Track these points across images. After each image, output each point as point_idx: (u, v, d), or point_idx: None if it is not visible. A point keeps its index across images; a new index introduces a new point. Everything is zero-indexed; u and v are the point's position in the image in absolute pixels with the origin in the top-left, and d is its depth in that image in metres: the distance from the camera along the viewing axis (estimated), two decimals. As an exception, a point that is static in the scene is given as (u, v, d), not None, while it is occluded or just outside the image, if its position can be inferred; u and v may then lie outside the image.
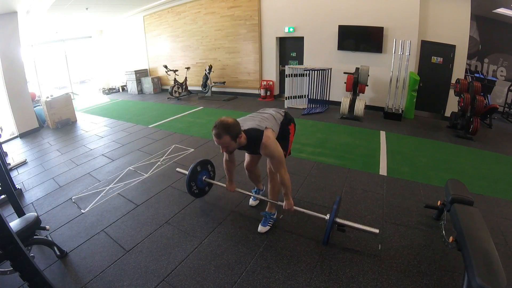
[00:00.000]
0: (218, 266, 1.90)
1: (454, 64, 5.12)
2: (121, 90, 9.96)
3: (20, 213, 2.22)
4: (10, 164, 3.87)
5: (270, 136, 1.86)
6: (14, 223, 1.81)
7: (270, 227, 2.23)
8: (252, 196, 2.47)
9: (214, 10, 7.41)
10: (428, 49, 5.28)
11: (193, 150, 3.95)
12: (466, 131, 4.36)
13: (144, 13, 8.86)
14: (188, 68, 8.26)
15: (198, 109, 6.57)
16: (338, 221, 1.96)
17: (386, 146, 4.00)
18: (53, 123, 5.69)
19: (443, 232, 2.01)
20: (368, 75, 5.15)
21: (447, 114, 5.22)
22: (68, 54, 9.33)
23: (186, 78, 8.15)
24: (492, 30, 5.78)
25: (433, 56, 5.28)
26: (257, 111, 2.21)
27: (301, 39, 6.42)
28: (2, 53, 4.88)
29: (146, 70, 9.61)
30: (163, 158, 3.76)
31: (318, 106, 6.03)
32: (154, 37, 9.06)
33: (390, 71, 5.34)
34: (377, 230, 1.87)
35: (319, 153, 3.74)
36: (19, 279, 1.46)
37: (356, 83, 5.21)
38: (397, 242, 2.08)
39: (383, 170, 3.22)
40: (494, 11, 5.48)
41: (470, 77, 5.44)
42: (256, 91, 7.37)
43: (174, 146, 4.14)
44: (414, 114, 5.46)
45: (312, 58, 6.34)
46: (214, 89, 7.88)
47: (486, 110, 4.79)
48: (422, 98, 5.41)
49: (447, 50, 5.11)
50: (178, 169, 2.87)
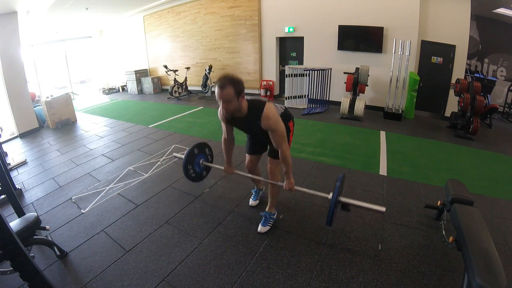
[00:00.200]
0: (218, 266, 1.90)
1: (454, 64, 5.12)
2: (121, 90, 9.95)
3: (20, 213, 2.22)
4: (10, 164, 3.87)
5: (271, 108, 1.80)
6: (14, 223, 1.81)
7: (270, 227, 2.22)
8: (248, 176, 2.31)
9: (214, 10, 7.41)
10: (428, 49, 5.28)
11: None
12: (466, 131, 4.36)
13: (144, 13, 8.86)
14: (188, 68, 8.26)
15: (198, 109, 6.57)
16: (342, 200, 1.85)
17: (386, 146, 4.00)
18: (53, 123, 5.69)
19: (443, 232, 2.01)
20: (368, 75, 5.15)
21: (447, 114, 5.22)
22: (68, 54, 9.32)
23: (186, 78, 8.15)
24: (492, 30, 5.79)
25: (433, 56, 5.28)
26: None
27: (301, 39, 6.41)
28: (2, 53, 4.88)
29: (146, 70, 9.61)
30: (163, 158, 3.76)
31: (318, 106, 6.03)
32: (154, 37, 9.06)
33: (390, 71, 5.34)
34: (383, 208, 1.76)
35: (319, 153, 3.75)
36: (19, 279, 1.46)
37: (356, 83, 5.21)
38: (397, 242, 2.08)
39: (383, 170, 3.22)
40: (494, 11, 5.48)
41: (470, 77, 5.44)
42: (256, 91, 7.36)
43: (174, 146, 4.14)
44: (414, 114, 5.46)
45: (312, 58, 6.34)
46: (214, 89, 7.86)
47: (486, 110, 4.79)
48: (422, 98, 5.41)
49: (447, 50, 5.11)
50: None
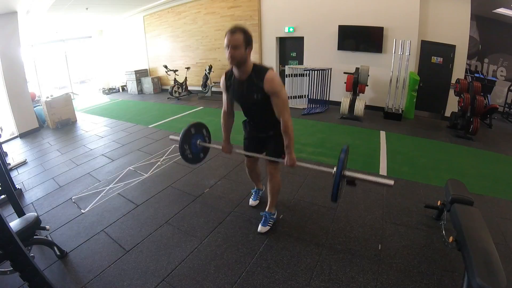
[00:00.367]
0: (218, 266, 1.90)
1: (454, 64, 5.12)
2: (121, 90, 9.95)
3: (20, 213, 2.21)
4: (10, 164, 3.87)
5: (275, 73, 1.77)
6: (14, 223, 1.81)
7: (270, 227, 2.22)
8: (246, 153, 2.17)
9: (214, 10, 7.41)
10: (428, 49, 5.28)
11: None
12: (466, 131, 4.35)
13: (144, 13, 8.86)
14: (188, 68, 8.26)
15: (198, 109, 6.57)
16: (347, 173, 1.74)
17: (386, 146, 4.00)
18: (53, 123, 5.69)
19: (443, 232, 2.01)
20: (368, 75, 5.15)
21: (447, 114, 5.22)
22: (68, 54, 9.33)
23: (186, 78, 8.15)
24: (492, 30, 5.78)
25: (433, 56, 5.28)
26: None
27: (301, 39, 6.41)
28: (2, 53, 4.88)
29: (146, 70, 9.61)
30: (163, 158, 3.76)
31: (318, 106, 6.03)
32: (154, 37, 9.06)
33: (390, 71, 5.34)
34: (391, 182, 1.64)
35: (319, 153, 3.75)
36: (19, 279, 1.46)
37: (356, 83, 5.21)
38: (397, 242, 2.08)
39: (383, 170, 3.22)
40: (494, 11, 5.48)
41: (470, 77, 5.43)
42: (256, 91, 7.36)
43: (174, 146, 4.14)
44: (414, 114, 5.46)
45: (312, 58, 6.34)
46: (214, 89, 7.88)
47: (486, 110, 4.79)
48: (422, 98, 5.41)
49: (447, 50, 5.11)
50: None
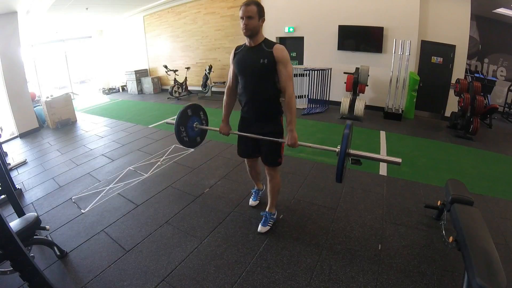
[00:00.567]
0: (218, 266, 1.90)
1: (454, 64, 5.11)
2: (121, 90, 9.95)
3: (20, 213, 2.21)
4: (10, 164, 3.87)
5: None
6: (14, 223, 1.81)
7: (270, 227, 2.22)
8: (245, 135, 2.06)
9: (214, 10, 7.41)
10: (428, 49, 5.28)
11: (193, 150, 3.94)
12: (466, 131, 4.35)
13: (144, 13, 8.86)
14: (188, 68, 8.26)
15: (198, 109, 6.56)
16: (352, 152, 1.68)
17: (386, 146, 4.00)
18: (53, 123, 5.69)
19: (443, 232, 2.01)
20: (368, 75, 5.15)
21: (447, 114, 5.22)
22: (68, 54, 9.33)
23: (186, 78, 8.15)
24: (492, 30, 5.78)
25: (433, 56, 5.27)
26: None
27: (301, 39, 6.41)
28: (2, 53, 4.88)
29: (146, 70, 9.61)
30: (163, 158, 3.76)
31: (318, 106, 6.03)
32: (154, 37, 9.06)
33: (390, 71, 5.34)
34: (399, 160, 1.58)
35: (319, 153, 3.74)
36: (19, 279, 1.46)
37: (356, 83, 5.21)
38: (397, 242, 2.08)
39: (383, 170, 3.22)
40: (494, 11, 5.48)
41: (470, 77, 5.44)
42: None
43: (174, 146, 4.14)
44: (414, 114, 5.46)
45: (312, 58, 6.34)
46: (214, 89, 7.88)
47: (486, 110, 4.79)
48: (422, 98, 5.41)
49: (447, 50, 5.11)
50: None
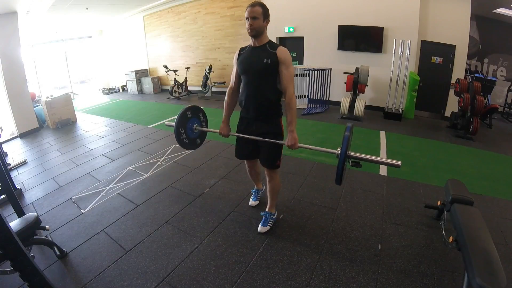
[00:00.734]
0: (218, 266, 1.89)
1: (454, 64, 5.12)
2: (121, 90, 9.96)
3: (20, 213, 2.21)
4: (10, 164, 3.87)
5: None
6: (14, 223, 1.81)
7: (270, 227, 2.22)
8: (244, 136, 2.05)
9: (214, 10, 7.41)
10: (428, 49, 5.28)
11: (193, 150, 3.94)
12: (466, 131, 4.35)
13: (144, 13, 8.87)
14: (188, 68, 8.26)
15: (198, 109, 6.56)
16: (352, 154, 1.70)
17: (386, 146, 4.00)
18: (53, 123, 5.69)
19: (443, 232, 2.01)
20: (368, 75, 5.15)
21: (447, 114, 5.22)
22: (68, 54, 9.33)
23: (186, 78, 8.15)
24: (492, 30, 5.78)
25: (433, 56, 5.28)
26: None
27: (301, 39, 6.41)
28: (2, 53, 4.88)
29: (146, 70, 9.61)
30: (163, 158, 3.76)
31: (318, 106, 6.03)
32: (154, 37, 9.06)
33: (390, 71, 5.34)
34: (399, 162, 1.59)
35: (319, 153, 3.74)
36: (19, 279, 1.46)
37: (356, 83, 5.21)
38: (397, 242, 2.08)
39: (383, 170, 3.22)
40: (494, 11, 5.48)
41: (470, 77, 5.43)
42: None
43: (174, 146, 4.14)
44: (414, 114, 5.46)
45: (312, 58, 6.34)
46: (214, 89, 7.88)
47: (486, 110, 4.79)
48: (422, 98, 5.41)
49: (447, 50, 5.11)
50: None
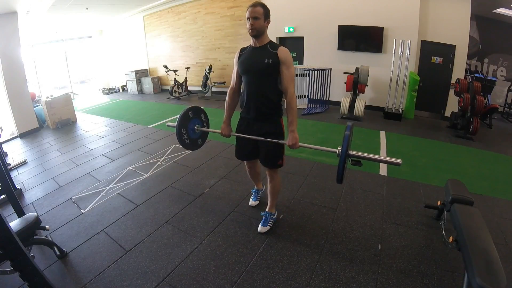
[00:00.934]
0: (218, 266, 1.90)
1: (454, 64, 5.11)
2: (121, 90, 9.96)
3: (20, 213, 2.21)
4: (10, 164, 3.87)
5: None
6: (14, 223, 1.81)
7: (270, 227, 2.22)
8: (244, 137, 2.05)
9: (214, 10, 7.41)
10: (428, 49, 5.28)
11: (194, 150, 3.94)
12: (466, 131, 4.35)
13: (144, 13, 8.87)
14: (188, 68, 8.26)
15: (198, 109, 6.56)
16: (353, 153, 1.73)
17: (386, 146, 4.00)
18: (53, 123, 5.69)
19: (443, 232, 2.01)
20: (368, 75, 5.15)
21: (447, 114, 5.21)
22: (68, 54, 9.33)
23: (186, 78, 8.15)
24: (492, 30, 5.78)
25: (433, 56, 5.27)
26: None
27: (301, 39, 6.41)
28: (2, 53, 4.88)
29: (146, 70, 9.61)
30: (163, 158, 3.76)
31: (318, 106, 6.03)
32: (154, 37, 9.06)
33: (390, 71, 5.34)
34: (399, 160, 1.60)
35: (319, 153, 3.74)
36: (19, 279, 1.46)
37: (356, 83, 5.21)
38: (397, 242, 2.08)
39: (383, 170, 3.22)
40: (494, 11, 5.48)
41: (470, 77, 5.44)
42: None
43: (174, 146, 4.14)
44: (414, 114, 5.46)
45: (312, 58, 6.34)
46: (214, 89, 7.88)
47: (486, 110, 4.79)
48: (422, 98, 5.41)
49: (447, 50, 5.11)
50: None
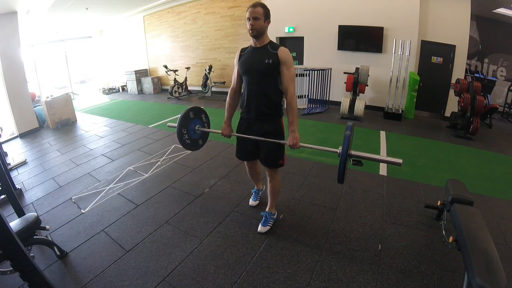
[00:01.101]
0: (218, 266, 1.90)
1: (454, 64, 5.11)
2: (121, 90, 9.96)
3: (20, 213, 2.21)
4: (10, 164, 3.87)
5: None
6: (14, 223, 1.81)
7: (270, 227, 2.22)
8: (245, 137, 2.05)
9: (214, 10, 7.42)
10: (428, 49, 5.28)
11: (195, 150, 3.94)
12: (466, 131, 4.35)
13: (144, 13, 8.87)
14: (188, 68, 8.26)
15: (198, 109, 6.56)
16: (353, 153, 1.73)
17: (386, 146, 4.00)
18: (53, 123, 5.69)
19: (443, 232, 2.01)
20: (368, 75, 5.15)
21: (447, 114, 5.22)
22: (68, 54, 9.33)
23: (186, 78, 8.15)
24: (492, 30, 5.78)
25: (433, 56, 5.27)
26: None
27: (301, 39, 6.41)
28: (2, 53, 4.88)
29: (146, 70, 9.61)
30: (163, 158, 3.76)
31: (318, 106, 6.03)
32: (154, 37, 9.06)
33: (390, 71, 5.34)
34: (400, 160, 1.60)
35: (319, 153, 3.74)
36: (19, 279, 1.46)
37: (356, 83, 5.21)
38: (397, 242, 2.08)
39: (383, 170, 3.22)
40: (494, 11, 5.48)
41: (470, 77, 5.44)
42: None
43: (174, 146, 4.14)
44: (414, 114, 5.46)
45: (312, 58, 6.34)
46: (214, 89, 7.88)
47: (486, 110, 4.79)
48: (422, 98, 5.41)
49: (447, 50, 5.11)
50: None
